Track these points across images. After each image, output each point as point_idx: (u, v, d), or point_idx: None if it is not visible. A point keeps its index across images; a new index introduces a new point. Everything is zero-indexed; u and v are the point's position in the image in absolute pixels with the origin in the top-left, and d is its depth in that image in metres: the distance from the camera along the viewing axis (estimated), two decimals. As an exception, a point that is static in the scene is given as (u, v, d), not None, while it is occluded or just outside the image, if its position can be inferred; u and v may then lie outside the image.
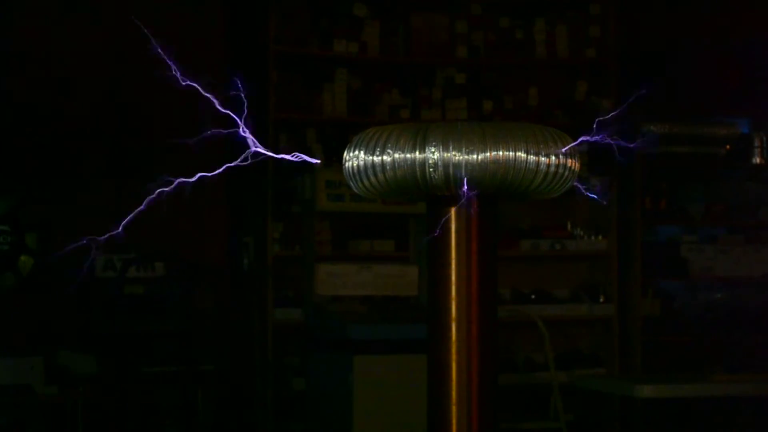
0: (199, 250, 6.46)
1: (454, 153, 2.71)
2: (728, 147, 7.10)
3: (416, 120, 6.84)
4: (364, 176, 2.81)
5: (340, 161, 2.90)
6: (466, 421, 2.81)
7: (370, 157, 2.78)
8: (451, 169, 2.71)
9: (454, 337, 2.82)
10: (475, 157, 2.70)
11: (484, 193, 2.78)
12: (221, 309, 6.67)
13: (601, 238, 7.05)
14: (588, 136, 2.78)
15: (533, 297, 7.05)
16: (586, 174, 6.59)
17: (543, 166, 2.74)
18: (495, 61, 7.11)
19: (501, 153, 2.71)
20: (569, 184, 2.84)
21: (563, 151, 2.75)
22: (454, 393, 2.81)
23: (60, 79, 6.42)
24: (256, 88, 6.57)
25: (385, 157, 2.76)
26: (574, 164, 2.81)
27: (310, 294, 5.64)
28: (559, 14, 7.18)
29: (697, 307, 7.30)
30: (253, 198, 6.65)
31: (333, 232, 6.62)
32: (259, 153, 2.77)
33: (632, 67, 7.08)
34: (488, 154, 2.71)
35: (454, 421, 2.82)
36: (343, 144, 2.95)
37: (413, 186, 2.76)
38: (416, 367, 3.86)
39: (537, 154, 2.73)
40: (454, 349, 2.82)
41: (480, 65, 7.12)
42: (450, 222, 2.82)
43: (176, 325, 6.22)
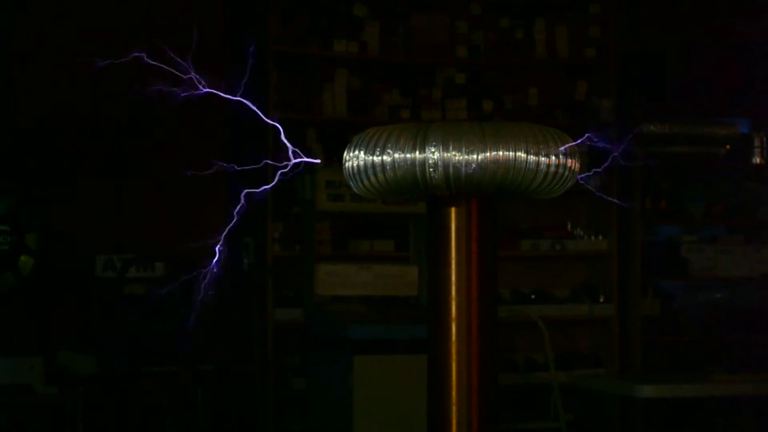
0: (199, 250, 6.45)
1: (454, 153, 2.71)
2: (728, 147, 7.10)
3: (416, 120, 6.83)
4: (364, 176, 2.81)
5: (340, 161, 2.89)
6: (466, 421, 2.81)
7: (370, 157, 2.78)
8: (451, 169, 2.71)
9: (454, 337, 2.82)
10: (475, 157, 2.70)
11: (484, 193, 2.78)
12: (221, 309, 6.66)
13: (601, 238, 7.05)
14: (590, 137, 2.78)
15: (533, 297, 7.04)
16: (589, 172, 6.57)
17: (543, 166, 2.74)
18: (495, 61, 7.11)
19: (501, 153, 2.71)
20: (569, 184, 2.84)
21: (563, 150, 2.75)
22: (454, 393, 2.81)
23: (60, 79, 6.42)
24: (256, 88, 6.58)
25: (385, 157, 2.76)
26: (574, 164, 2.81)
27: (310, 294, 5.64)
28: (559, 14, 7.18)
29: (697, 307, 7.30)
30: (253, 198, 6.63)
31: (333, 232, 6.62)
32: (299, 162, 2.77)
33: (632, 67, 7.08)
34: (488, 154, 2.71)
35: (454, 421, 2.81)
36: (343, 144, 2.95)
37: (413, 186, 2.76)
38: (416, 367, 3.86)
39: (537, 154, 2.73)
40: (454, 349, 2.82)
41: (480, 65, 7.12)
42: (450, 222, 2.82)
43: (176, 325, 6.22)
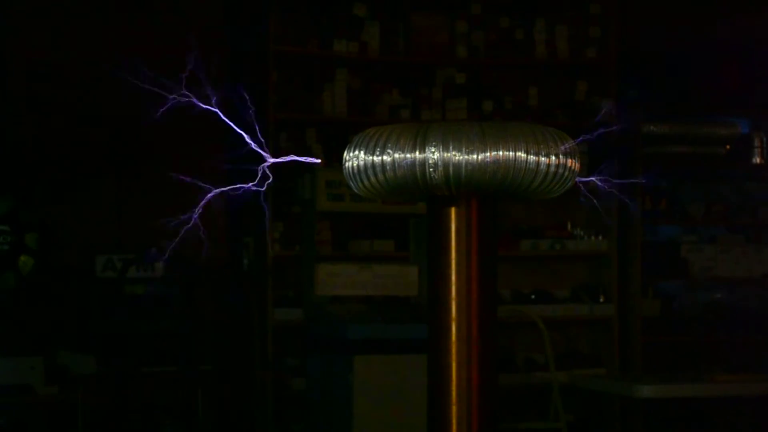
0: (199, 250, 6.44)
1: (454, 153, 2.71)
2: (728, 147, 7.10)
3: (416, 120, 6.83)
4: (364, 176, 2.81)
5: (340, 161, 2.89)
6: (466, 421, 2.81)
7: (370, 157, 2.78)
8: (451, 169, 2.71)
9: (454, 337, 2.82)
10: (475, 157, 2.70)
11: (484, 193, 2.78)
12: (221, 309, 6.67)
13: (601, 238, 7.05)
14: (587, 135, 2.78)
15: (533, 297, 7.04)
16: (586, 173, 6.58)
17: (543, 166, 2.74)
18: (495, 61, 7.10)
19: (501, 153, 2.71)
20: (569, 184, 2.84)
21: (563, 149, 2.76)
22: (454, 393, 2.81)
23: (60, 79, 6.42)
24: (256, 88, 6.59)
25: (385, 157, 2.76)
26: (574, 164, 2.81)
27: (310, 294, 5.64)
28: (559, 14, 7.17)
29: (697, 307, 7.30)
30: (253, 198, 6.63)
31: (333, 232, 6.62)
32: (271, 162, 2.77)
33: (632, 67, 7.08)
34: (488, 154, 2.71)
35: (454, 421, 2.82)
36: (343, 144, 2.95)
37: (413, 186, 2.76)
38: (416, 367, 3.87)
39: (537, 154, 2.73)
40: (454, 349, 2.82)
41: (480, 65, 7.12)
42: (450, 222, 2.83)
43: (176, 325, 6.23)
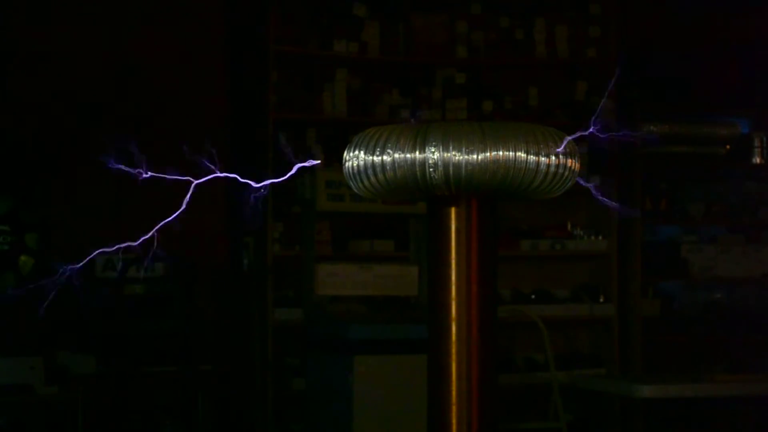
0: (199, 250, 6.45)
1: (454, 153, 2.71)
2: (728, 147, 7.10)
3: (416, 120, 6.83)
4: (364, 176, 2.80)
5: (340, 161, 2.89)
6: (466, 421, 2.81)
7: (370, 157, 2.78)
8: (451, 169, 2.71)
9: (454, 337, 2.82)
10: (475, 157, 2.70)
11: (484, 193, 2.78)
12: (221, 309, 6.67)
13: (601, 238, 7.05)
14: (583, 131, 2.78)
15: (533, 297, 7.04)
16: (586, 173, 6.58)
17: (543, 166, 2.74)
18: (495, 61, 7.11)
19: (501, 153, 2.71)
20: (569, 184, 2.84)
21: (560, 149, 2.75)
22: (454, 393, 2.81)
23: (60, 79, 6.42)
24: (256, 88, 6.59)
25: (385, 157, 2.76)
26: (574, 164, 2.81)
27: (310, 294, 5.64)
28: (559, 14, 7.17)
29: (697, 307, 7.30)
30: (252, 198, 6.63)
31: (333, 232, 6.62)
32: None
33: (632, 67, 7.08)
34: (488, 154, 2.71)
35: (454, 421, 2.81)
36: (343, 144, 2.95)
37: (413, 186, 2.76)
38: (416, 367, 3.87)
39: (537, 154, 2.73)
40: (454, 349, 2.82)
41: (480, 65, 7.12)
42: (450, 222, 2.82)
43: (176, 325, 6.22)
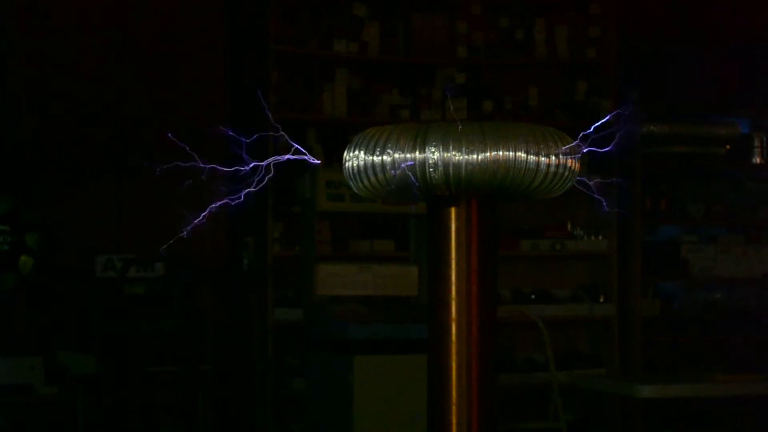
0: (199, 250, 6.45)
1: (454, 153, 2.71)
2: (728, 147, 7.10)
3: (416, 120, 6.83)
4: (364, 176, 2.81)
5: (340, 161, 2.89)
6: (466, 421, 2.81)
7: (370, 157, 2.78)
8: (451, 169, 2.71)
9: (454, 337, 2.82)
10: (475, 157, 2.70)
11: (484, 193, 2.78)
12: (221, 309, 6.67)
13: (601, 238, 7.05)
14: (587, 134, 2.78)
15: (533, 297, 7.04)
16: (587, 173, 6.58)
17: (543, 166, 2.74)
18: (495, 61, 7.11)
19: (501, 153, 2.71)
20: (569, 184, 2.84)
21: (563, 150, 2.75)
22: (454, 393, 2.81)
23: (60, 79, 6.42)
24: (256, 88, 6.58)
25: (385, 157, 2.76)
26: (574, 164, 2.81)
27: (310, 294, 5.64)
28: (559, 14, 7.18)
29: (697, 307, 7.30)
30: (253, 198, 6.63)
31: (333, 232, 6.62)
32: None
33: (632, 67, 7.08)
34: (488, 154, 2.71)
35: (454, 421, 2.81)
36: (343, 144, 2.95)
37: (413, 186, 2.76)
38: (416, 367, 3.86)
39: (537, 154, 2.73)
40: (454, 349, 2.82)
41: (480, 65, 7.11)
42: (450, 222, 2.82)
43: (176, 325, 6.22)
